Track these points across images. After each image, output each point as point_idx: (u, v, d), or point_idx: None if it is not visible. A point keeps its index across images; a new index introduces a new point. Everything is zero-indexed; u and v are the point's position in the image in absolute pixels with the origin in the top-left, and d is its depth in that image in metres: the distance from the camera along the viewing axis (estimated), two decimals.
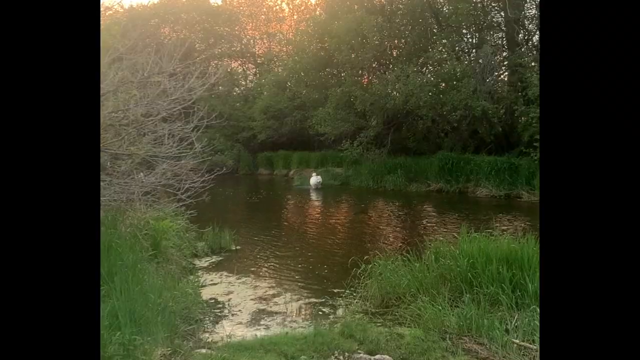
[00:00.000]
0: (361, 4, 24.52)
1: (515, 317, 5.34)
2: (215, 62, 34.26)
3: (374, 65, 25.29)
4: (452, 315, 5.55)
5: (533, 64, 20.10)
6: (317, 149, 28.59)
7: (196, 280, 7.87)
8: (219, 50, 35.99)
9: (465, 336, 5.27)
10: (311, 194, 21.79)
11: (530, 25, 21.92)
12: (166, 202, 8.88)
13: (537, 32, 21.45)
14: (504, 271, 5.98)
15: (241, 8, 37.84)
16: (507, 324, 5.25)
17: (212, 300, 7.23)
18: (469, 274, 6.18)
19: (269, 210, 18.56)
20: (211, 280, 8.25)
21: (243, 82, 37.80)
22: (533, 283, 5.77)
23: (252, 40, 38.96)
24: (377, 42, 22.89)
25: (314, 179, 23.40)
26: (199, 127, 8.29)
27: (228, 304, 7.11)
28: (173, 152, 7.39)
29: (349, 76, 24.62)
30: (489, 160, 19.87)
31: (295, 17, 35.63)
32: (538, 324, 5.10)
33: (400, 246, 10.50)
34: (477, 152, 20.97)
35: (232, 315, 6.70)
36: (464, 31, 23.29)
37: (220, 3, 38.20)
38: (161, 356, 4.67)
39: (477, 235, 7.04)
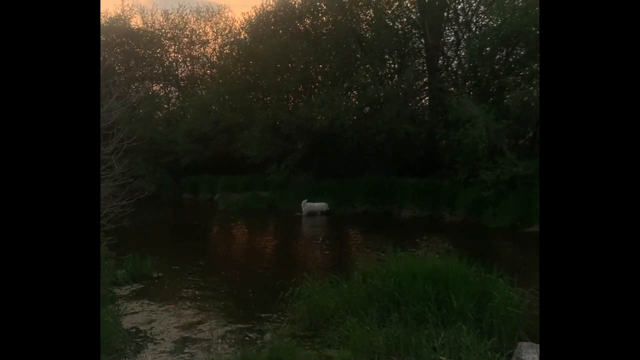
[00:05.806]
0: (286, 28, 24.67)
1: (442, 335, 5.38)
2: (136, 84, 33.32)
3: (299, 89, 25.43)
4: (380, 335, 5.54)
5: (452, 89, 20.86)
6: (243, 172, 28.22)
7: (116, 309, 7.47)
8: (140, 73, 35.04)
9: (394, 355, 5.26)
10: (303, 221, 19.95)
11: (449, 52, 22.79)
12: None
13: (456, 59, 22.34)
14: (429, 289, 6.05)
15: (163, 30, 37.10)
16: (434, 342, 5.28)
17: (134, 330, 6.89)
18: (395, 292, 6.20)
19: (192, 235, 18.07)
20: (132, 309, 7.88)
21: (165, 105, 36.82)
22: (458, 300, 5.86)
23: (174, 63, 38.26)
24: (302, 66, 23.08)
25: (317, 205, 20.96)
26: (118, 150, 7.99)
27: (150, 333, 6.80)
28: None
29: (275, 100, 24.59)
30: (412, 182, 20.31)
31: (219, 40, 35.20)
32: (464, 340, 5.17)
33: (329, 267, 10.46)
34: (402, 174, 21.36)
35: (155, 343, 6.40)
36: (387, 57, 23.86)
37: (141, 25, 37.33)
38: None
39: (403, 254, 7.11)
